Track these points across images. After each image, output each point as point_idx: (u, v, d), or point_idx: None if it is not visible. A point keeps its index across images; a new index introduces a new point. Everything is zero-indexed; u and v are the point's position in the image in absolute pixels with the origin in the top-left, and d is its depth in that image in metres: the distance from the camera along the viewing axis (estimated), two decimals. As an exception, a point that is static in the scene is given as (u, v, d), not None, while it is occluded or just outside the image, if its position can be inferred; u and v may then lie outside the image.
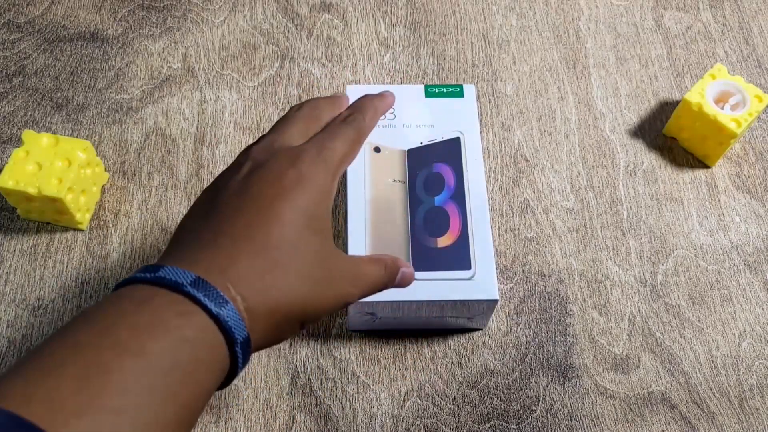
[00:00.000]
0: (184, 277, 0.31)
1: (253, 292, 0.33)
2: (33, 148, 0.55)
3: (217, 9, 0.70)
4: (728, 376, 0.54)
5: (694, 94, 0.60)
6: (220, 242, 0.34)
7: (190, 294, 0.31)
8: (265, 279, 0.33)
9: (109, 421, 0.26)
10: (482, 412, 0.52)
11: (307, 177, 0.36)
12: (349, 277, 0.38)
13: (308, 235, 0.35)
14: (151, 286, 0.31)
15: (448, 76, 0.67)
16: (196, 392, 0.30)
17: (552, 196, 0.61)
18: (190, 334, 0.30)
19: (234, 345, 0.31)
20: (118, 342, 0.28)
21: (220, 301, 0.31)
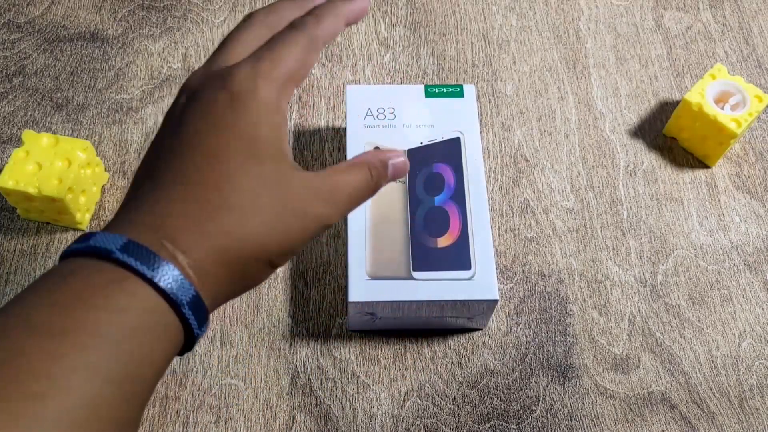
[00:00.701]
0: (114, 242, 0.28)
1: (196, 244, 0.29)
2: (33, 148, 0.55)
3: (217, 9, 0.70)
4: (728, 376, 0.54)
5: (694, 94, 0.60)
6: (156, 195, 0.30)
7: (120, 260, 0.28)
8: (207, 225, 0.29)
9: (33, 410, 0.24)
10: (482, 412, 0.52)
11: (241, 97, 0.31)
12: (320, 195, 0.32)
13: (253, 164, 0.31)
14: (80, 258, 0.29)
15: (448, 76, 0.67)
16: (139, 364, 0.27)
17: (552, 196, 0.61)
18: (121, 303, 0.27)
19: (180, 307, 0.28)
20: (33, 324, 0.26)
21: (156, 262, 0.28)
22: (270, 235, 0.31)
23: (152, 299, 0.28)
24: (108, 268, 0.28)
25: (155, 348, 0.28)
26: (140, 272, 0.28)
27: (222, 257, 0.30)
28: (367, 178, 0.34)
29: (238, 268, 0.30)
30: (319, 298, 0.56)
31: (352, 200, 0.34)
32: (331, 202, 0.32)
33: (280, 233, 0.31)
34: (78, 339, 0.26)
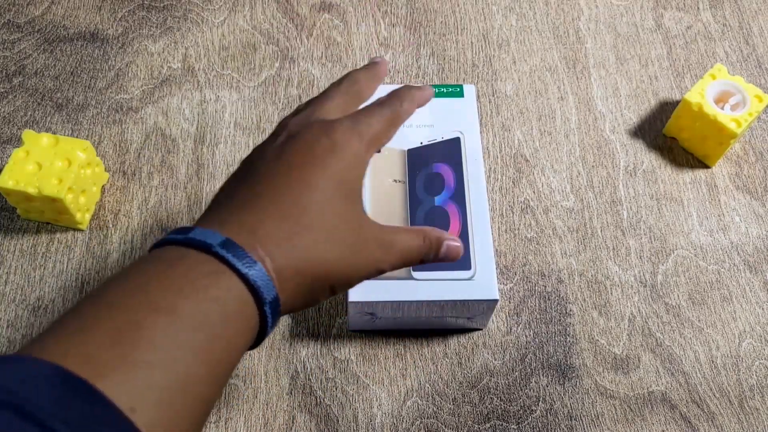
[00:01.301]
0: (214, 238, 0.32)
1: (281, 253, 0.34)
2: (33, 148, 0.55)
3: (217, 9, 0.70)
4: (728, 376, 0.54)
5: (694, 94, 0.60)
6: (251, 205, 0.35)
7: (219, 254, 0.32)
8: (293, 240, 0.34)
9: (142, 374, 0.27)
10: (482, 412, 0.52)
11: (340, 145, 0.37)
12: (381, 244, 0.38)
13: (337, 201, 0.36)
14: (181, 248, 0.32)
15: (448, 76, 0.67)
16: (226, 350, 0.31)
17: (552, 196, 0.61)
18: (219, 293, 0.31)
19: (263, 304, 0.32)
20: (149, 301, 0.30)
21: (249, 261, 0.32)
22: (339, 262, 0.36)
23: (243, 294, 0.32)
24: (208, 260, 0.32)
25: (239, 337, 0.32)
26: (236, 268, 0.32)
27: (298, 270, 0.34)
28: (419, 246, 0.39)
29: (307, 284, 0.35)
30: (319, 298, 0.56)
31: (402, 258, 0.39)
32: (388, 253, 0.38)
33: (346, 264, 0.36)
34: (187, 321, 0.30)
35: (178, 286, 0.31)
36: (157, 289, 0.30)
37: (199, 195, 0.60)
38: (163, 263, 0.32)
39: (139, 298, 0.30)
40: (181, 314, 0.30)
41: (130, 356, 0.28)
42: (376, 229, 0.38)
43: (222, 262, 0.32)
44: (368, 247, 0.37)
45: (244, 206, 0.35)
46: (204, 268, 0.32)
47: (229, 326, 0.31)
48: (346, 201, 0.37)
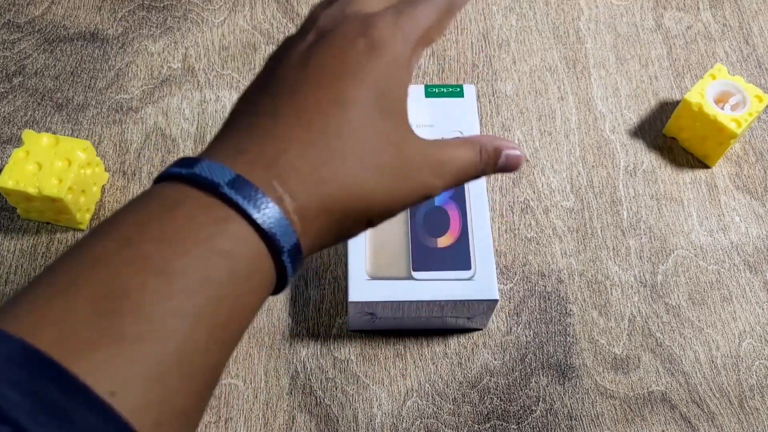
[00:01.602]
0: (222, 174, 0.27)
1: (306, 188, 0.28)
2: (33, 148, 0.55)
3: (217, 9, 0.70)
4: (728, 376, 0.54)
5: (694, 94, 0.60)
6: (270, 127, 0.29)
7: (227, 196, 0.26)
8: (321, 171, 0.29)
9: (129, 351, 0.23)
10: (482, 412, 0.52)
11: (380, 47, 0.30)
12: (430, 164, 0.32)
13: (377, 117, 0.30)
14: (184, 186, 0.27)
15: (448, 76, 0.67)
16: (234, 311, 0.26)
17: (552, 196, 0.61)
18: (225, 245, 0.26)
19: (280, 254, 0.27)
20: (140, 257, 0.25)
21: (263, 203, 0.27)
22: (378, 191, 0.30)
23: (255, 245, 0.27)
24: (214, 204, 0.26)
25: (251, 295, 0.27)
26: (247, 213, 0.26)
27: (328, 206, 0.29)
28: (475, 159, 0.33)
29: (339, 219, 0.29)
30: (319, 298, 0.56)
31: (457, 177, 0.33)
32: (438, 173, 0.32)
33: (387, 191, 0.30)
34: (184, 282, 0.25)
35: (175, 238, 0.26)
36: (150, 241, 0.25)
37: (199, 195, 0.60)
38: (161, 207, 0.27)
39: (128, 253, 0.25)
40: (177, 275, 0.25)
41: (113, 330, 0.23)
42: (425, 148, 0.32)
43: (230, 206, 0.26)
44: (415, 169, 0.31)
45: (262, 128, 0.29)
46: (208, 215, 0.26)
47: (238, 284, 0.26)
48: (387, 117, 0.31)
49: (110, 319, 0.23)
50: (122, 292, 0.24)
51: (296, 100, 0.30)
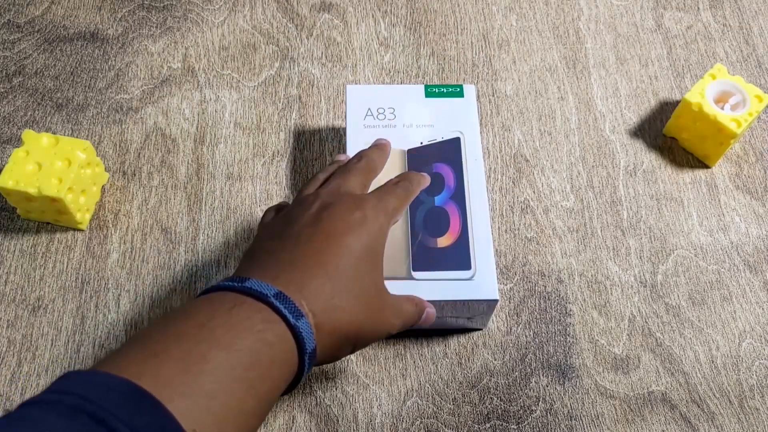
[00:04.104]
0: (269, 289, 0.36)
1: (322, 311, 0.38)
2: (33, 148, 0.55)
3: (217, 9, 0.70)
4: (728, 376, 0.54)
5: (694, 94, 0.60)
6: (296, 265, 0.39)
7: (274, 305, 0.36)
8: (333, 301, 0.38)
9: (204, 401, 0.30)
10: (482, 412, 0.52)
11: (369, 219, 0.42)
12: (394, 309, 0.43)
13: (368, 267, 0.41)
14: (239, 294, 0.36)
15: (448, 76, 0.67)
16: (270, 389, 0.35)
17: (552, 196, 0.61)
18: (271, 338, 0.35)
19: (304, 354, 0.36)
20: (213, 337, 0.33)
21: (297, 314, 0.36)
22: (366, 324, 0.40)
23: (290, 342, 0.36)
24: (264, 308, 0.36)
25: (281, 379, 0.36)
26: (287, 318, 0.36)
27: (335, 327, 0.38)
28: (415, 312, 0.45)
29: (338, 341, 0.39)
30: (319, 298, 0.56)
31: (407, 322, 0.45)
32: (398, 318, 0.43)
33: (370, 326, 0.41)
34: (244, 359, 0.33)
35: (238, 326, 0.34)
36: (220, 326, 0.34)
37: (199, 195, 0.60)
38: (224, 305, 0.35)
39: (204, 333, 0.33)
40: (238, 352, 0.33)
41: (195, 384, 0.31)
42: (391, 297, 0.43)
43: (275, 312, 0.36)
44: (385, 312, 0.42)
45: (290, 265, 0.39)
46: (260, 315, 0.35)
47: (275, 368, 0.35)
48: (373, 267, 0.42)
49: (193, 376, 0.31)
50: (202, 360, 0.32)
51: (313, 249, 0.40)
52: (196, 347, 0.32)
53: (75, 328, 0.54)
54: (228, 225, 0.59)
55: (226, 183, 0.61)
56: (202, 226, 0.59)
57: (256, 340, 0.34)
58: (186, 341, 0.33)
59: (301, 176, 0.61)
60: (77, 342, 0.54)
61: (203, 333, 0.33)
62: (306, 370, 0.37)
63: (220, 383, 0.31)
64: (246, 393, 0.33)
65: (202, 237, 0.58)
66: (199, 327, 0.34)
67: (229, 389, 0.32)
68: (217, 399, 0.31)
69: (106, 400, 0.27)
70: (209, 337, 0.33)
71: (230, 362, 0.32)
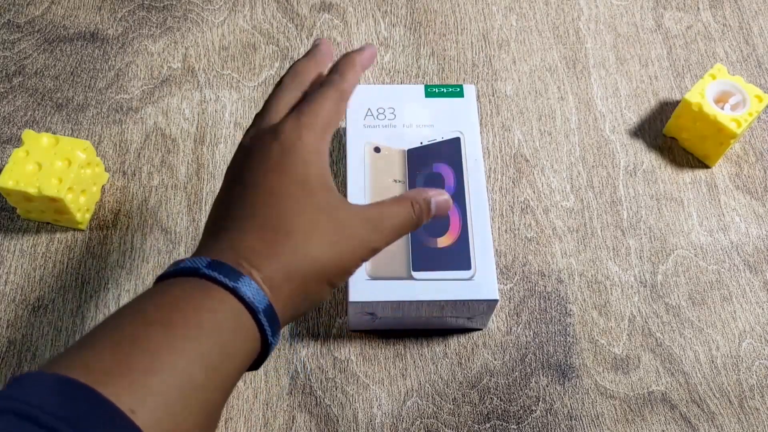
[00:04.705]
0: (200, 262, 0.34)
1: (266, 262, 0.35)
2: (33, 148, 0.55)
3: (217, 9, 0.70)
4: (728, 376, 0.54)
5: (694, 94, 0.60)
6: (229, 227, 0.37)
7: (206, 275, 0.33)
8: (275, 248, 0.35)
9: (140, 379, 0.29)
10: (482, 412, 0.52)
11: (289, 146, 0.37)
12: (367, 224, 0.38)
13: (306, 197, 0.37)
14: (172, 278, 0.34)
15: (448, 76, 0.67)
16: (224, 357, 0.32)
17: (552, 196, 0.61)
18: (212, 306, 0.33)
19: (257, 313, 0.33)
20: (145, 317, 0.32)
21: (235, 275, 0.33)
22: (327, 255, 0.36)
23: (235, 305, 0.33)
24: (198, 282, 0.34)
25: (237, 346, 0.33)
26: (224, 283, 0.33)
27: (288, 274, 0.35)
28: (409, 213, 0.39)
29: (301, 285, 0.36)
30: (319, 298, 0.56)
31: (395, 230, 0.39)
32: (377, 230, 0.38)
33: (335, 254, 0.36)
34: (181, 330, 0.31)
35: (172, 303, 0.33)
36: (152, 307, 0.32)
37: (199, 195, 0.60)
38: (158, 291, 0.34)
39: (136, 316, 0.32)
40: (174, 325, 0.31)
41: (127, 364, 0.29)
42: (359, 210, 0.38)
43: (210, 281, 0.33)
44: (354, 230, 0.37)
45: (223, 228, 0.37)
46: (195, 289, 0.33)
47: (224, 335, 0.33)
48: (315, 194, 0.37)
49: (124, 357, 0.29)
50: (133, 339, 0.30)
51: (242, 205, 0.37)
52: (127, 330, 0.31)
53: (75, 328, 0.54)
54: (228, 225, 0.59)
55: (226, 183, 0.61)
56: (202, 226, 0.59)
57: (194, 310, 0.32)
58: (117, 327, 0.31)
59: (301, 176, 0.61)
60: (77, 342, 0.54)
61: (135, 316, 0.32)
62: (269, 332, 0.34)
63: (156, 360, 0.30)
64: (192, 365, 0.31)
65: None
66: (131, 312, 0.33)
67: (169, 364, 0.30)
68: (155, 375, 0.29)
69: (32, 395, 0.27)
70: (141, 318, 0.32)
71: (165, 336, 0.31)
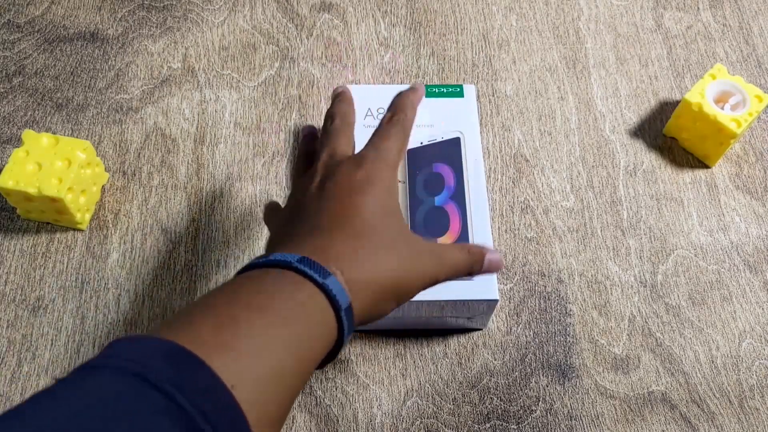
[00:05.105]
0: (291, 257, 0.36)
1: (350, 266, 0.38)
2: (33, 148, 0.55)
3: (217, 9, 0.70)
4: (728, 376, 0.54)
5: (694, 94, 0.60)
6: (315, 233, 0.40)
7: (299, 269, 0.36)
8: (358, 255, 0.38)
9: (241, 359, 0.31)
10: (482, 412, 0.52)
11: (372, 175, 0.42)
12: (433, 256, 0.41)
13: (385, 220, 0.41)
14: (264, 268, 0.36)
15: (448, 76, 0.67)
16: (309, 348, 0.35)
17: (552, 196, 0.61)
18: (302, 298, 0.35)
19: (339, 311, 0.36)
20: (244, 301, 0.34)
21: (324, 273, 0.36)
22: (400, 273, 0.39)
23: (321, 300, 0.36)
24: (290, 274, 0.36)
25: (320, 339, 0.35)
26: (314, 279, 0.35)
27: (368, 282, 0.38)
28: (467, 259, 0.43)
29: (376, 294, 0.38)
30: (319, 298, 0.56)
31: (453, 269, 0.42)
32: (440, 263, 0.41)
33: (407, 273, 0.40)
34: (275, 318, 0.34)
35: (267, 290, 0.35)
36: (248, 293, 0.35)
37: (199, 195, 0.60)
38: (250, 278, 0.36)
39: (232, 299, 0.34)
40: (271, 312, 0.34)
41: (230, 343, 0.31)
42: (425, 243, 0.42)
43: (301, 275, 0.36)
44: (422, 258, 0.41)
45: (308, 234, 0.40)
46: (286, 280, 0.36)
47: (311, 327, 0.35)
48: (392, 219, 0.41)
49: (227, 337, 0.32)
50: (234, 321, 0.32)
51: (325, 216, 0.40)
52: (227, 311, 0.33)
53: (75, 328, 0.54)
54: (228, 225, 0.59)
55: (226, 183, 0.61)
56: (202, 226, 0.59)
57: (286, 300, 0.35)
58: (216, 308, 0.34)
59: (301, 176, 0.61)
60: (77, 342, 0.54)
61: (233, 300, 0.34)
62: (346, 328, 0.37)
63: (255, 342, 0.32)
64: (283, 352, 0.33)
65: (202, 237, 0.58)
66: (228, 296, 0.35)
67: (265, 347, 0.32)
68: (253, 357, 0.31)
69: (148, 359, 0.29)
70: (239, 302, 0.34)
71: (263, 321, 0.33)
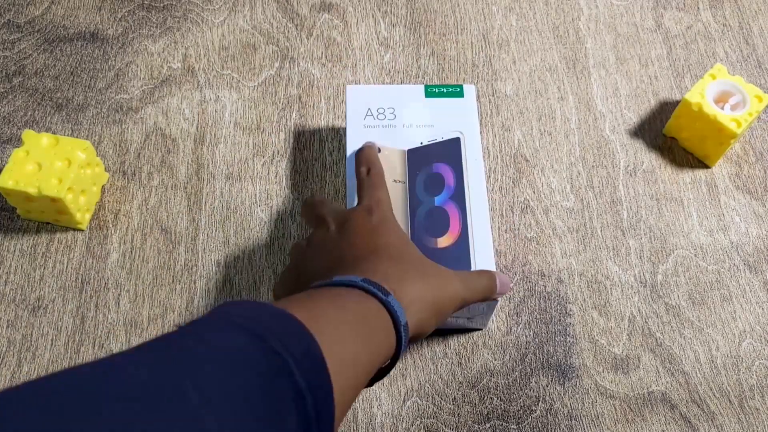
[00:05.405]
0: (355, 278, 0.40)
1: (400, 288, 0.41)
2: (33, 148, 0.55)
3: (217, 9, 0.70)
4: (728, 376, 0.54)
5: (694, 94, 0.60)
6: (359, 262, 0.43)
7: (363, 287, 0.39)
8: (405, 277, 0.42)
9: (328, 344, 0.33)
10: (482, 412, 0.52)
11: (384, 216, 0.47)
12: (461, 280, 0.45)
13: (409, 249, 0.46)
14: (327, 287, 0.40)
15: (448, 76, 0.67)
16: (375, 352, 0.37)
17: (552, 196, 0.61)
18: (368, 311, 0.38)
19: (399, 326, 0.39)
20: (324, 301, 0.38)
21: (385, 292, 0.39)
22: (438, 292, 0.43)
23: (384, 315, 0.39)
24: (356, 291, 0.39)
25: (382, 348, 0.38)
26: (378, 296, 0.39)
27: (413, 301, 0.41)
28: (491, 285, 0.47)
29: (422, 315, 0.42)
30: (319, 298, 0.56)
31: (480, 294, 0.47)
32: (468, 288, 0.45)
33: (443, 293, 0.43)
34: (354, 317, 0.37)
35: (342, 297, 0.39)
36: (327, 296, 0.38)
37: (199, 195, 0.60)
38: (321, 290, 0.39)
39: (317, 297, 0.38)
40: (349, 311, 0.37)
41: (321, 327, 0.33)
42: (448, 269, 0.46)
43: (366, 293, 0.39)
44: (452, 281, 0.44)
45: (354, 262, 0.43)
46: (355, 294, 0.39)
47: (379, 332, 0.38)
48: (414, 249, 0.46)
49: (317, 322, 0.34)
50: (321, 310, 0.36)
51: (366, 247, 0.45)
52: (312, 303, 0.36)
53: (75, 328, 0.54)
54: (228, 225, 0.59)
55: (226, 183, 0.61)
56: (202, 226, 0.59)
57: (358, 303, 0.38)
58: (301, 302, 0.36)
59: (301, 176, 0.61)
60: (77, 342, 0.54)
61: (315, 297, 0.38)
62: (403, 344, 0.39)
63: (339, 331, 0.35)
64: (360, 346, 0.36)
65: (202, 237, 0.58)
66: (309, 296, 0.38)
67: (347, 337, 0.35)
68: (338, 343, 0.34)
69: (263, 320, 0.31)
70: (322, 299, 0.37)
71: (344, 318, 0.36)
